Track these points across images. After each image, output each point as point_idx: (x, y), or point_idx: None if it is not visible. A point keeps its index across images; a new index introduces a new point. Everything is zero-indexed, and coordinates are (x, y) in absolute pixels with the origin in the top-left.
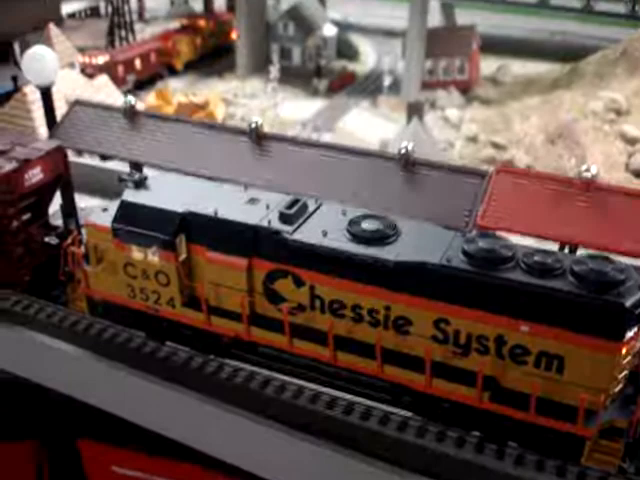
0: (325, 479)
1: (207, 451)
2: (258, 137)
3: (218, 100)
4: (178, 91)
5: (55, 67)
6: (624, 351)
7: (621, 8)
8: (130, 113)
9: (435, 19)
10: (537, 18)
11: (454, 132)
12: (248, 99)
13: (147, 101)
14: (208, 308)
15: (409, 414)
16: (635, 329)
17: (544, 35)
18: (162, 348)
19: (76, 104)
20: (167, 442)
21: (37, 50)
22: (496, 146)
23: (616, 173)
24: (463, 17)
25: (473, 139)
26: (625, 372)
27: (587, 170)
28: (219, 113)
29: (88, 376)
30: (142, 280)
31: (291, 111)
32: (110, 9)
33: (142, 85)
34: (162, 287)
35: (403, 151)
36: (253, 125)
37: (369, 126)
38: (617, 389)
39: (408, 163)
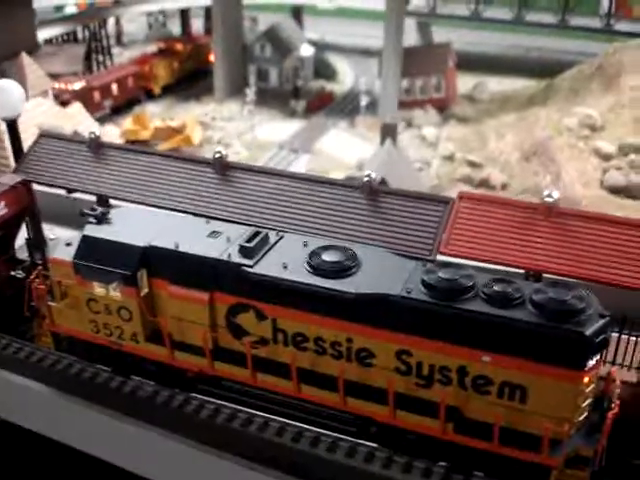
0: None
1: None
2: (222, 167)
3: (195, 124)
4: (156, 115)
5: (21, 99)
6: (586, 380)
7: (597, 22)
8: (94, 145)
9: (411, 37)
10: (513, 34)
11: (431, 151)
12: (225, 122)
13: (124, 126)
14: (171, 343)
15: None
16: (597, 357)
17: (520, 51)
18: (127, 383)
19: (42, 136)
20: None
21: (1, 83)
22: (472, 164)
23: (591, 190)
24: (439, 35)
25: (450, 158)
26: (589, 400)
27: (549, 195)
28: (196, 137)
29: (53, 412)
30: (105, 315)
31: (268, 133)
32: (87, 34)
33: (119, 110)
34: (125, 322)
35: (366, 179)
36: (217, 155)
37: (347, 147)
38: (581, 417)
39: (372, 191)
